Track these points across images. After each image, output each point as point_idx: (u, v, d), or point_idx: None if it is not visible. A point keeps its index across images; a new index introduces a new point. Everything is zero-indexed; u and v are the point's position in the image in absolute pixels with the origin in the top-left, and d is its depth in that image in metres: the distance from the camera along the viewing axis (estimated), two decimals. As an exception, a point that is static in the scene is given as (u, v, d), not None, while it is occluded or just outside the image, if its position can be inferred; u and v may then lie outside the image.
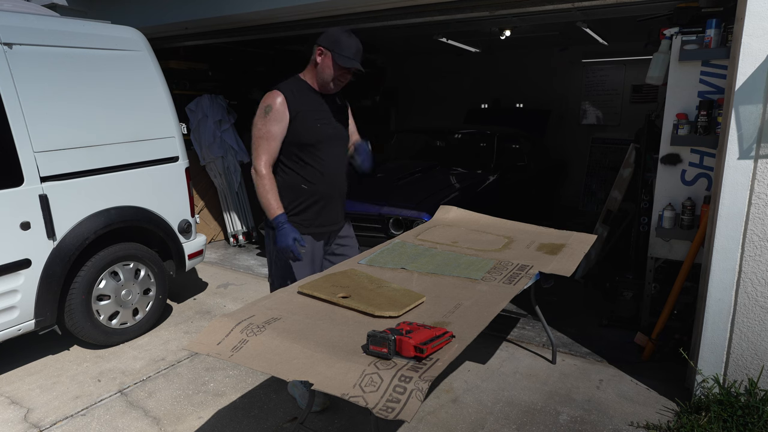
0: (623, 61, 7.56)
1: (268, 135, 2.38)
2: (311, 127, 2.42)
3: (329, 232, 2.64)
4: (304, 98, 2.44)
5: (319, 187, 2.50)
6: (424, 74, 9.37)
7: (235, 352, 1.69)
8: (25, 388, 2.95)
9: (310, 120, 2.42)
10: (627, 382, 2.95)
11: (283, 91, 2.40)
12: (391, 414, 1.37)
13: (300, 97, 2.43)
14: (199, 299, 4.31)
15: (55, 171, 3.05)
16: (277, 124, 2.38)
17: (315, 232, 2.55)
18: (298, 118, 2.39)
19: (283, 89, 2.41)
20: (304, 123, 2.41)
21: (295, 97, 2.41)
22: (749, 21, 2.32)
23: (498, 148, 5.56)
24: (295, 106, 2.39)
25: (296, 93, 2.43)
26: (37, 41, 2.99)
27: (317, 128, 2.44)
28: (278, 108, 2.37)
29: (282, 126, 2.38)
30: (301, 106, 2.41)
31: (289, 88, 2.44)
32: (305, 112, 2.41)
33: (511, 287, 2.25)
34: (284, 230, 2.35)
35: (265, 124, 2.38)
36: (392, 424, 2.55)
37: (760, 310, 2.47)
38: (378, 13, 3.96)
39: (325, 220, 2.56)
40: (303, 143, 2.43)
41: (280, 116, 2.37)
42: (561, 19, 4.24)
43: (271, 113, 2.37)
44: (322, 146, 2.47)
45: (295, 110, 2.39)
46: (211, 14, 4.36)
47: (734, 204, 2.44)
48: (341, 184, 2.61)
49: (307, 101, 2.44)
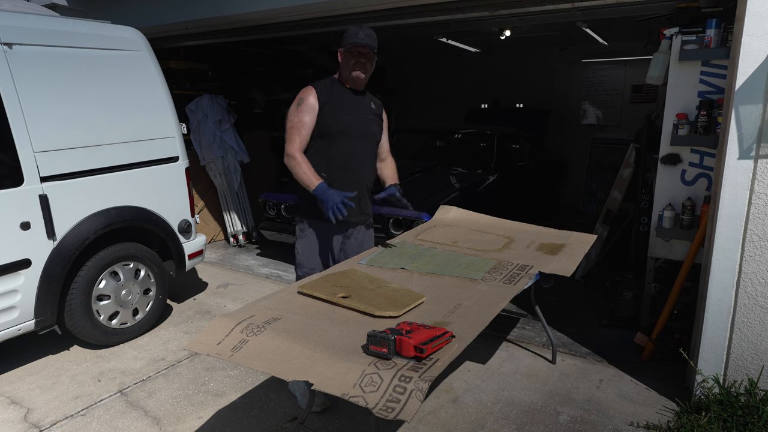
0: (623, 61, 7.56)
1: (300, 124, 2.59)
2: (337, 118, 2.61)
3: (345, 224, 2.70)
4: (335, 93, 2.65)
5: (339, 177, 2.62)
6: (424, 74, 9.37)
7: (235, 352, 1.69)
8: (25, 388, 2.95)
9: (336, 111, 2.61)
10: (627, 382, 2.95)
11: (315, 86, 2.64)
12: (391, 414, 1.37)
13: (331, 92, 2.64)
14: (199, 299, 4.31)
15: (55, 171, 3.05)
16: (308, 114, 2.59)
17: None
18: (326, 109, 2.60)
19: (316, 85, 2.65)
20: (330, 113, 2.60)
21: (326, 91, 2.63)
22: (749, 21, 2.32)
23: (498, 148, 5.57)
24: (325, 98, 2.61)
25: (328, 88, 2.65)
26: (37, 41, 2.99)
27: (343, 120, 2.62)
28: (310, 100, 2.59)
29: (312, 116, 2.59)
30: (331, 98, 2.62)
31: (323, 83, 2.67)
32: (333, 104, 2.62)
33: (511, 287, 2.25)
34: (329, 194, 2.43)
35: (297, 114, 2.60)
36: (392, 424, 2.55)
37: (760, 310, 2.47)
38: (378, 13, 3.97)
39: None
40: (328, 132, 2.61)
41: (310, 108, 2.59)
42: (561, 19, 4.25)
43: (303, 105, 2.59)
44: (346, 138, 2.63)
45: (324, 102, 2.60)
46: (211, 14, 4.36)
47: (734, 204, 2.44)
48: (362, 180, 2.73)
49: (337, 95, 2.65)
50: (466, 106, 8.59)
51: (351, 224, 2.74)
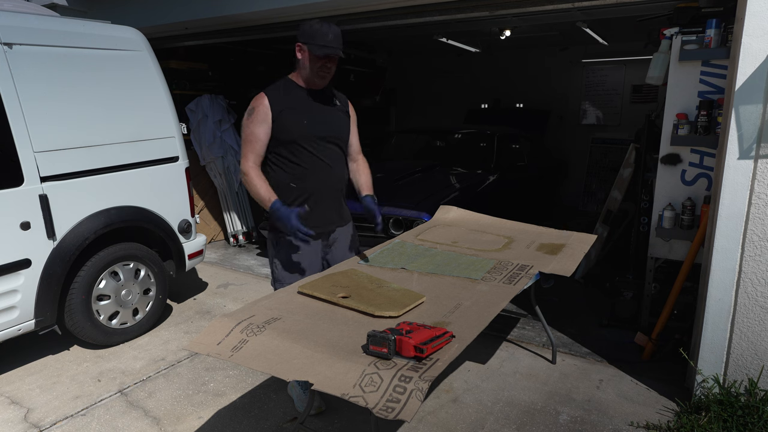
0: (623, 61, 7.56)
1: (251, 136, 2.39)
2: (296, 123, 2.40)
3: (326, 233, 2.56)
4: (290, 97, 2.43)
5: (308, 185, 2.46)
6: (424, 74, 9.37)
7: (235, 352, 1.69)
8: (25, 388, 2.95)
9: (294, 117, 2.40)
10: (627, 382, 2.95)
11: (267, 92, 2.41)
12: (391, 414, 1.37)
13: (286, 96, 2.42)
14: (199, 299, 4.31)
15: (55, 171, 3.05)
16: (261, 125, 2.38)
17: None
18: (282, 116, 2.38)
19: (268, 91, 2.42)
20: (288, 120, 2.39)
21: (280, 97, 2.41)
22: (749, 21, 2.32)
23: (498, 148, 5.57)
24: (279, 105, 2.39)
25: (283, 93, 2.43)
26: (37, 41, 2.99)
27: (302, 125, 2.40)
28: (260, 109, 2.37)
29: (266, 127, 2.38)
30: (286, 104, 2.40)
31: (276, 88, 2.44)
32: (290, 110, 2.40)
33: (511, 287, 2.25)
34: (283, 212, 2.27)
35: (249, 125, 2.40)
36: (392, 424, 2.55)
37: (760, 310, 2.47)
38: (378, 13, 3.96)
39: (318, 220, 2.46)
40: (287, 140, 2.41)
41: (262, 117, 2.37)
42: (561, 19, 4.25)
43: (254, 115, 2.38)
44: (309, 143, 2.43)
45: (279, 109, 2.38)
46: (211, 14, 4.36)
47: (734, 204, 2.44)
48: (334, 183, 2.54)
49: (293, 99, 2.43)
50: (466, 106, 8.60)
51: (332, 231, 2.59)
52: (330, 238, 2.60)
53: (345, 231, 2.66)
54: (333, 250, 2.63)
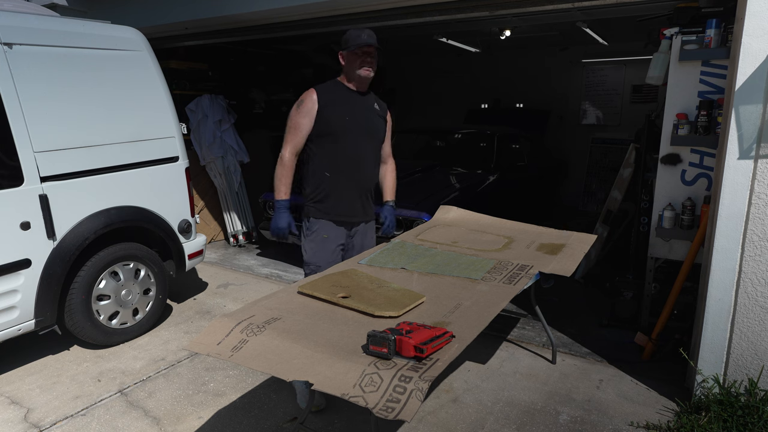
0: (623, 61, 7.56)
1: (295, 126, 2.62)
2: (338, 118, 2.61)
3: (349, 223, 2.76)
4: (337, 94, 2.66)
5: (340, 177, 2.66)
6: (424, 74, 9.36)
7: (235, 352, 1.69)
8: (25, 388, 2.95)
9: (338, 110, 2.62)
10: (627, 382, 2.95)
11: (317, 88, 2.65)
12: (391, 414, 1.37)
13: (333, 93, 2.65)
14: (199, 299, 4.31)
15: (55, 171, 3.05)
16: (306, 116, 2.60)
17: (335, 219, 2.71)
18: (327, 108, 2.60)
19: (318, 86, 2.66)
20: (331, 112, 2.61)
21: (327, 92, 2.64)
22: (749, 21, 2.32)
23: (498, 148, 5.57)
24: (325, 98, 2.62)
25: (330, 89, 2.67)
26: (37, 41, 2.99)
27: (344, 119, 2.62)
28: (308, 102, 2.60)
29: (310, 119, 2.60)
30: (332, 99, 2.63)
31: (325, 85, 2.68)
32: (334, 104, 2.62)
33: (511, 287, 2.25)
34: (281, 214, 2.62)
35: (295, 116, 2.62)
36: (392, 424, 2.55)
37: (760, 310, 2.47)
38: (378, 13, 3.96)
39: (343, 210, 2.70)
40: (329, 132, 2.61)
41: (308, 110, 2.60)
42: (561, 19, 4.25)
43: (302, 106, 2.61)
44: (348, 137, 2.64)
45: (325, 102, 2.61)
46: (211, 14, 4.36)
47: (734, 204, 2.44)
48: (364, 180, 2.75)
49: (339, 97, 2.66)
50: (466, 106, 8.59)
51: (354, 223, 2.79)
52: (352, 230, 2.79)
53: (366, 229, 2.86)
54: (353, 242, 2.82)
